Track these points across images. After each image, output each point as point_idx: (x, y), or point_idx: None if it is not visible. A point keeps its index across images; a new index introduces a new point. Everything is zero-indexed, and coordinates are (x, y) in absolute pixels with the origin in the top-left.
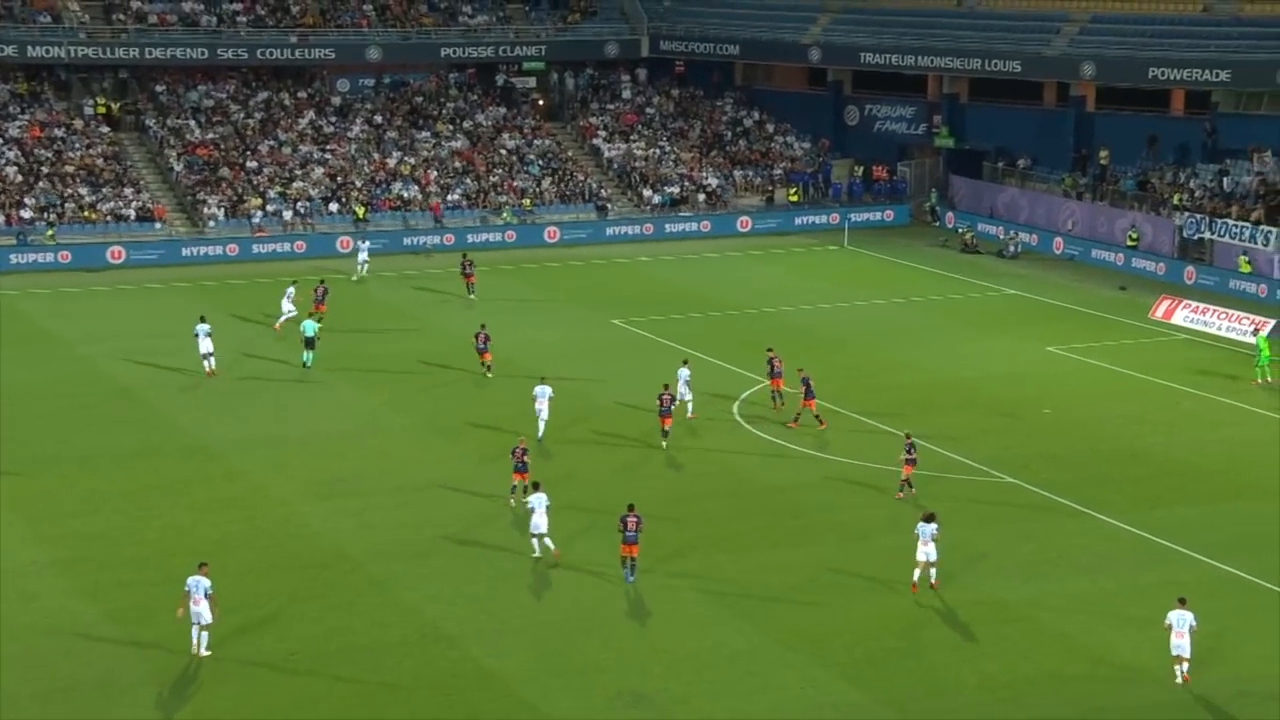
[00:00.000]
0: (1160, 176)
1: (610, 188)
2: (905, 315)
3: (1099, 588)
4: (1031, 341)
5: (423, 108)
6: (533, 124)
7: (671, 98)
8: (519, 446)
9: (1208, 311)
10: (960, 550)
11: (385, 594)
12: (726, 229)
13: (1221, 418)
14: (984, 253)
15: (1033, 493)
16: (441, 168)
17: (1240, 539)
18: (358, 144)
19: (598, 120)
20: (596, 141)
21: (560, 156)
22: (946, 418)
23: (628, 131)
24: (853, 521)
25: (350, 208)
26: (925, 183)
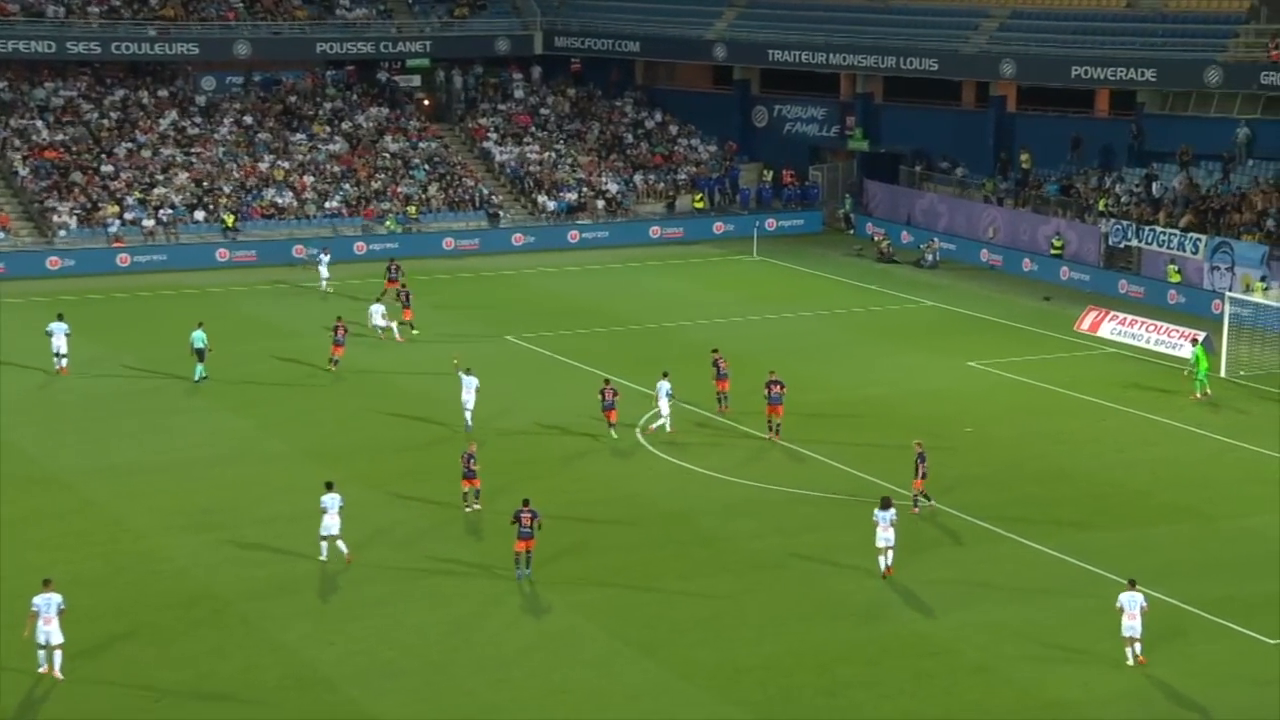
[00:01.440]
0: (1085, 181)
1: (502, 194)
2: (818, 329)
3: (1024, 618)
4: (951, 356)
5: (297, 108)
6: (418, 125)
7: (567, 98)
8: (467, 451)
9: (1136, 324)
10: (878, 579)
11: (258, 634)
12: (627, 238)
13: (1150, 436)
14: (901, 262)
15: (954, 517)
16: (319, 172)
17: (1170, 564)
18: (226, 147)
19: (488, 122)
20: (487, 144)
21: (448, 160)
22: (861, 438)
23: (520, 134)
24: (765, 550)
25: (219, 216)
26: (839, 188)
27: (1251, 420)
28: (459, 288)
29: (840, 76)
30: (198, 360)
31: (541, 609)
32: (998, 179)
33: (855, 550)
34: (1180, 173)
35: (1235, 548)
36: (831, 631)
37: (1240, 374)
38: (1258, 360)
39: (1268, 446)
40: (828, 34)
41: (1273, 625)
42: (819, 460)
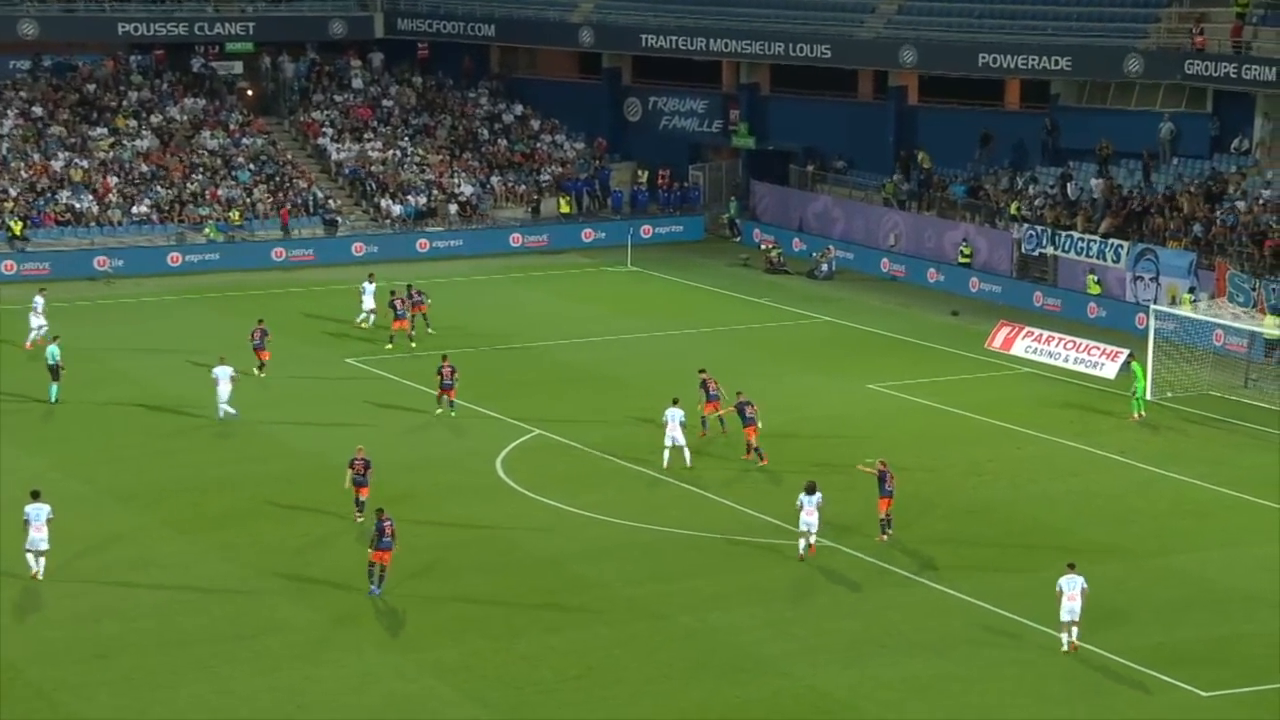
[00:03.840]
0: (995, 182)
1: (341, 198)
2: (700, 348)
3: (933, 670)
4: (849, 378)
5: (97, 98)
6: (240, 119)
7: (414, 88)
8: (357, 457)
9: (1053, 340)
10: (770, 628)
11: (54, 707)
12: (484, 246)
13: (1071, 465)
14: (792, 273)
15: (854, 558)
16: (124, 173)
17: (1093, 609)
18: (10, 142)
19: (322, 115)
20: (322, 141)
21: (277, 159)
22: (745, 467)
23: (360, 129)
24: (643, 598)
25: (3, 222)
26: (722, 190)
27: (1179, 447)
28: (291, 304)
29: (722, 65)
30: (52, 379)
31: (390, 669)
32: (899, 180)
33: (743, 597)
34: (1099, 172)
35: (1163, 590)
36: (717, 689)
37: (1168, 395)
38: (1186, 380)
39: (1197, 475)
40: (707, 17)
41: (1205, 676)
42: (703, 496)
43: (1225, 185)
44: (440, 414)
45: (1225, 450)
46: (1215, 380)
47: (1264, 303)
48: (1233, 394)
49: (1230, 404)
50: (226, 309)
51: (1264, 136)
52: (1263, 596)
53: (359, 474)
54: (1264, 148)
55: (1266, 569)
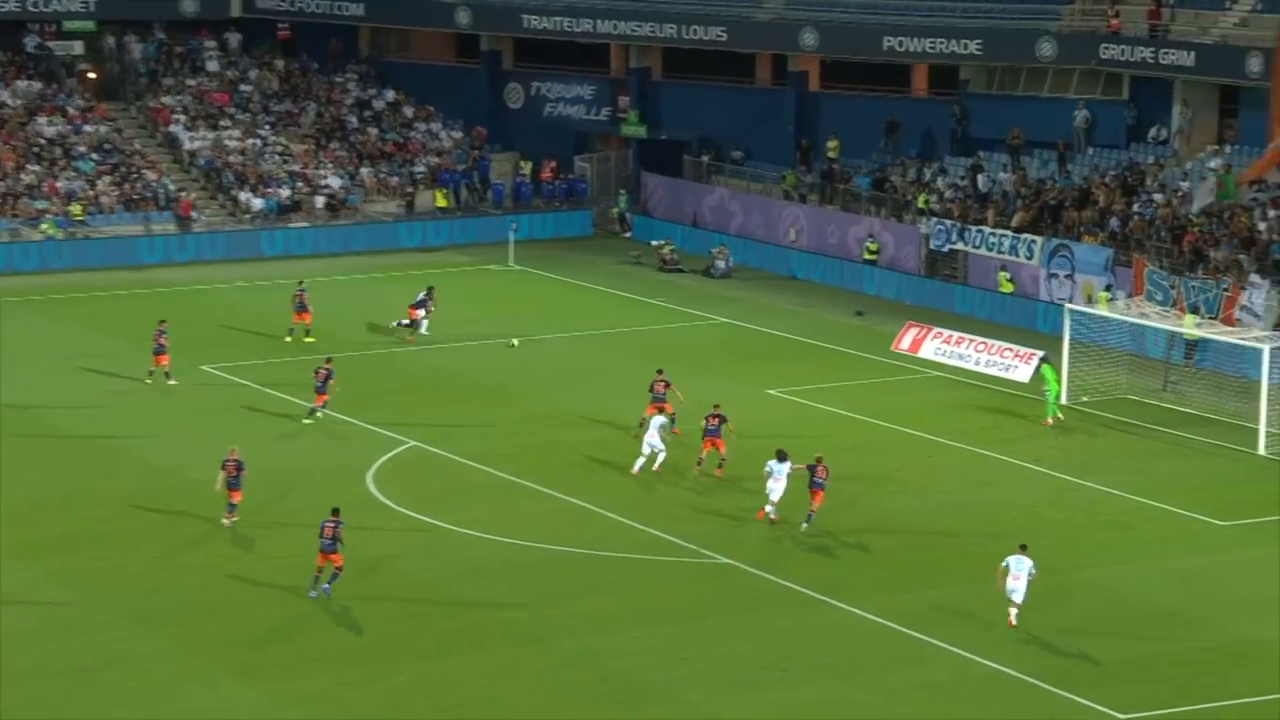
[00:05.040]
0: (902, 173)
1: (195, 190)
2: (587, 352)
3: (835, 695)
4: (748, 383)
5: None
6: (82, 105)
7: (275, 72)
8: (230, 459)
9: (963, 342)
10: (660, 653)
11: None
12: (354, 243)
13: (983, 474)
14: (687, 270)
15: (753, 576)
16: None
17: (1003, 628)
18: None
19: (174, 101)
20: (173, 129)
21: (122, 149)
22: (642, 483)
23: (216, 116)
24: (526, 621)
25: None
26: (611, 183)
27: (1095, 454)
28: (137, 307)
29: (610, 48)
30: None
31: (247, 704)
32: (800, 171)
33: (632, 619)
34: (1011, 163)
35: (1079, 605)
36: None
37: (1083, 400)
38: (1103, 383)
39: (1114, 484)
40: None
41: (1122, 697)
42: (593, 511)
43: (1143, 177)
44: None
45: (1143, 458)
46: (1133, 383)
47: (1183, 301)
48: (1151, 398)
49: (1149, 408)
50: (63, 313)
51: (1182, 125)
52: (1182, 612)
53: (231, 476)
54: (1182, 137)
55: (1185, 583)
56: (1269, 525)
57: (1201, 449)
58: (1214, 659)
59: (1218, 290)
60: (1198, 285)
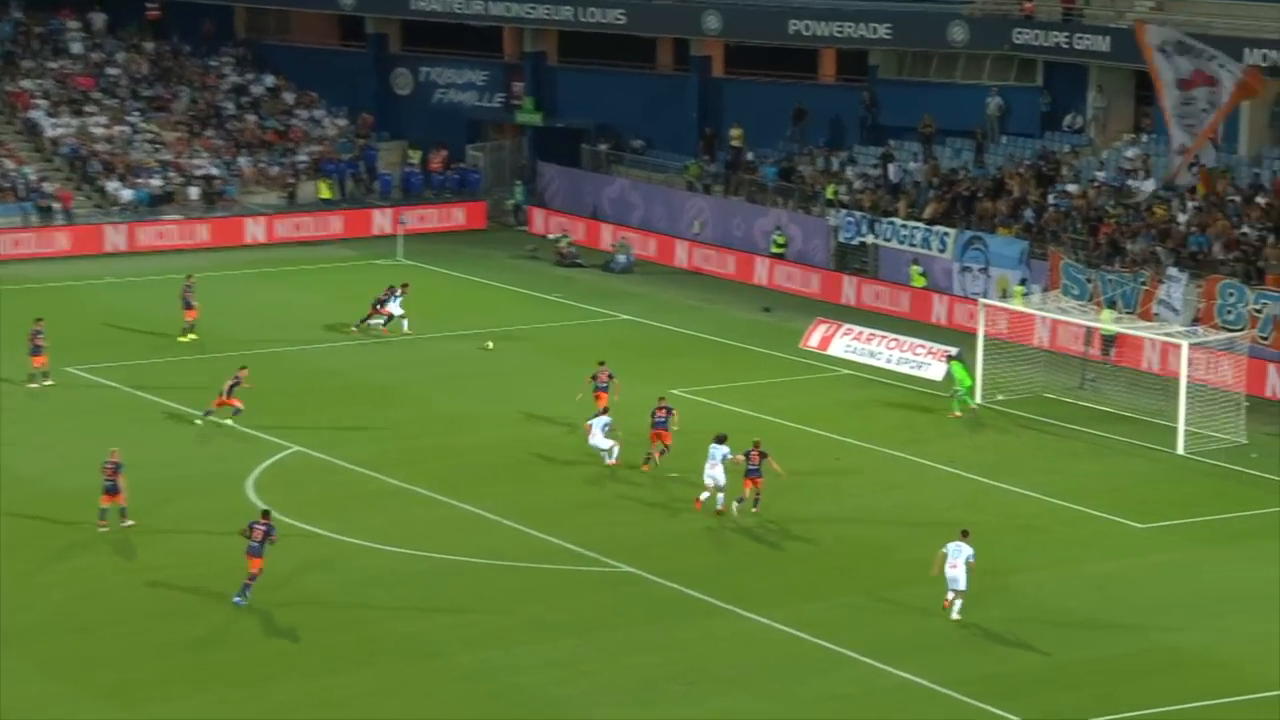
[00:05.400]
0: (810, 162)
1: (58, 180)
2: (478, 352)
3: (743, 708)
4: (651, 382)
5: None
6: None
7: (144, 54)
8: (109, 461)
9: (874, 339)
10: (558, 667)
11: None
12: (231, 237)
13: (896, 477)
14: (586, 265)
15: (656, 585)
16: None
17: (921, 636)
18: None
19: (34, 85)
20: (34, 115)
21: None
22: (540, 489)
23: (80, 101)
24: (417, 635)
25: None
26: (506, 173)
27: (1011, 455)
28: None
29: (504, 31)
30: None
31: None
32: (703, 161)
33: (529, 632)
34: (923, 152)
35: (994, 611)
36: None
37: (999, 399)
38: (1019, 381)
39: (1030, 486)
40: None
41: (1039, 708)
42: (487, 518)
43: (1058, 166)
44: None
45: (1060, 458)
46: (1049, 381)
47: (1100, 295)
48: (1068, 396)
49: (1065, 407)
50: None
51: (1098, 112)
52: (1100, 619)
53: (109, 479)
54: (1098, 124)
55: (1103, 588)
56: (1188, 527)
57: (1119, 448)
58: (1133, 667)
59: (1135, 284)
60: (1115, 279)
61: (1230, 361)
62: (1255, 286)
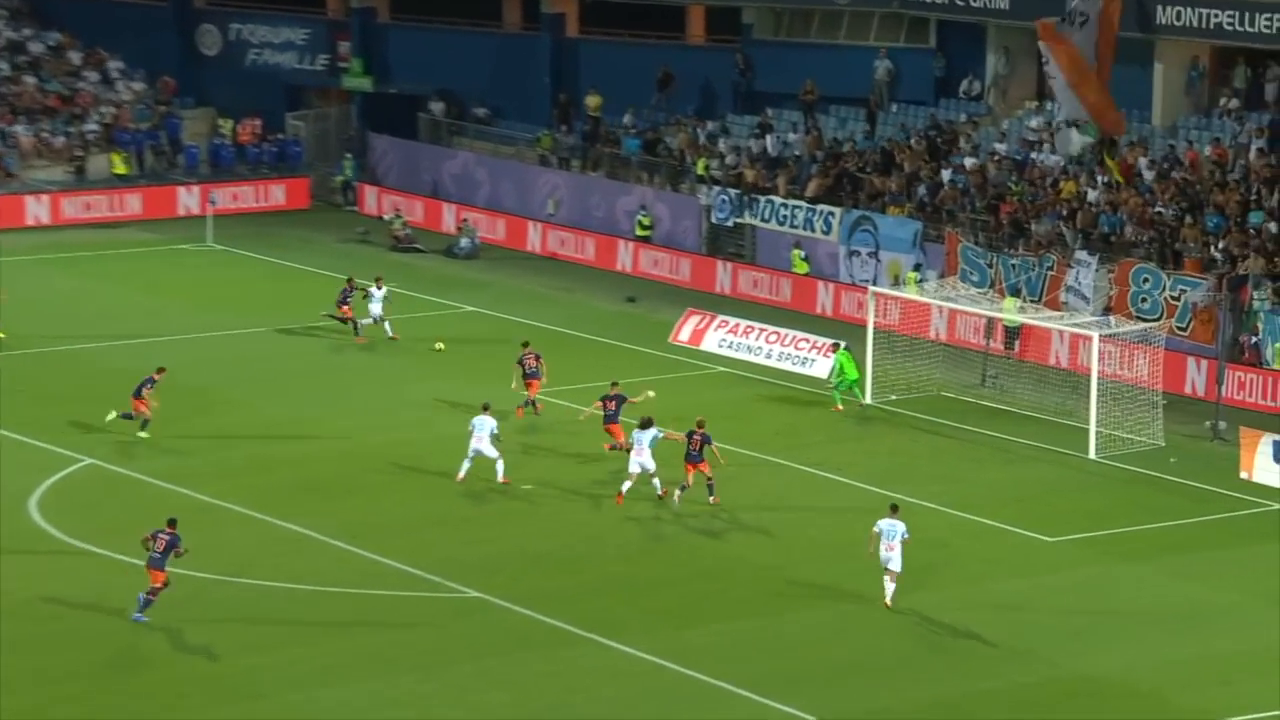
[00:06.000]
0: (680, 133)
1: None
2: (302, 350)
3: None
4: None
5: None
6: None
7: None
8: None
9: (752, 332)
10: (399, 706)
11: None
12: (9, 218)
13: (777, 487)
14: (425, 250)
15: (509, 612)
16: None
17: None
18: None
19: None
20: None
21: None
22: (376, 504)
23: None
24: (236, 673)
25: None
26: (331, 146)
27: (906, 461)
28: None
29: None
30: None
31: None
32: (558, 132)
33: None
34: (804, 122)
35: (890, 641)
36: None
37: (891, 398)
38: (913, 379)
39: (927, 497)
40: None
41: None
42: (314, 539)
43: (954, 137)
44: None
45: (960, 464)
46: (947, 378)
47: (1002, 282)
48: (968, 394)
49: (965, 407)
50: None
51: (997, 77)
52: (1005, 645)
53: None
54: (998, 91)
55: (1010, 610)
56: (1102, 540)
57: (1025, 453)
58: (1044, 697)
59: (1040, 269)
60: (1018, 263)
61: (1145, 355)
62: (1172, 271)
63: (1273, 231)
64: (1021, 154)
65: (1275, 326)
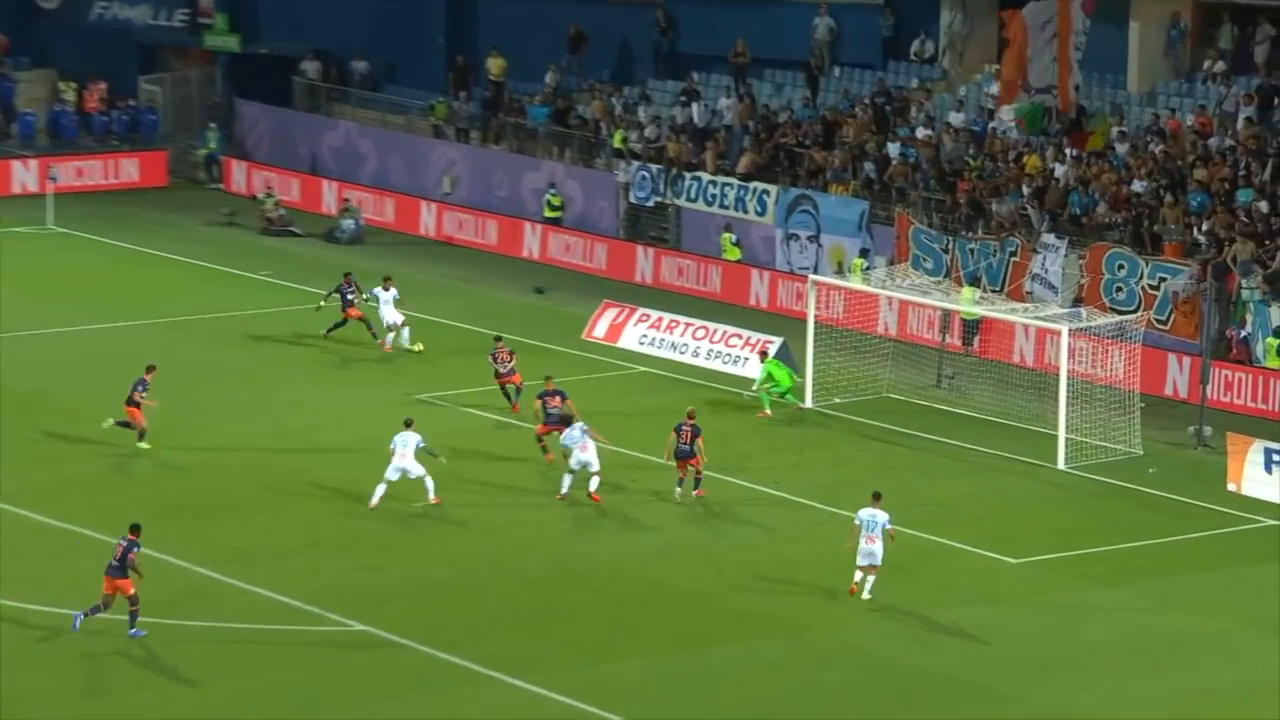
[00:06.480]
0: (593, 100)
1: None
2: (164, 346)
3: None
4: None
5: None
6: None
7: None
8: None
9: (677, 326)
10: None
11: None
12: None
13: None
14: (303, 234)
15: (400, 648)
16: None
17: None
18: None
19: None
20: None
21: None
22: (248, 527)
23: None
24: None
25: None
26: (193, 114)
27: (851, 472)
28: None
29: None
30: None
31: None
32: (455, 99)
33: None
34: (735, 88)
35: (834, 674)
36: None
37: (835, 401)
38: (860, 379)
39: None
40: None
41: None
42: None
43: (904, 105)
44: None
45: (913, 476)
46: (898, 379)
47: (959, 270)
48: (921, 397)
49: (918, 411)
50: None
51: (953, 37)
52: (963, 680)
53: None
54: (954, 53)
55: (969, 641)
56: (1072, 562)
57: (986, 463)
58: None
59: (1003, 255)
60: (977, 248)
61: (1121, 352)
62: (1150, 257)
63: (1263, 211)
64: (980, 124)
65: (1266, 319)
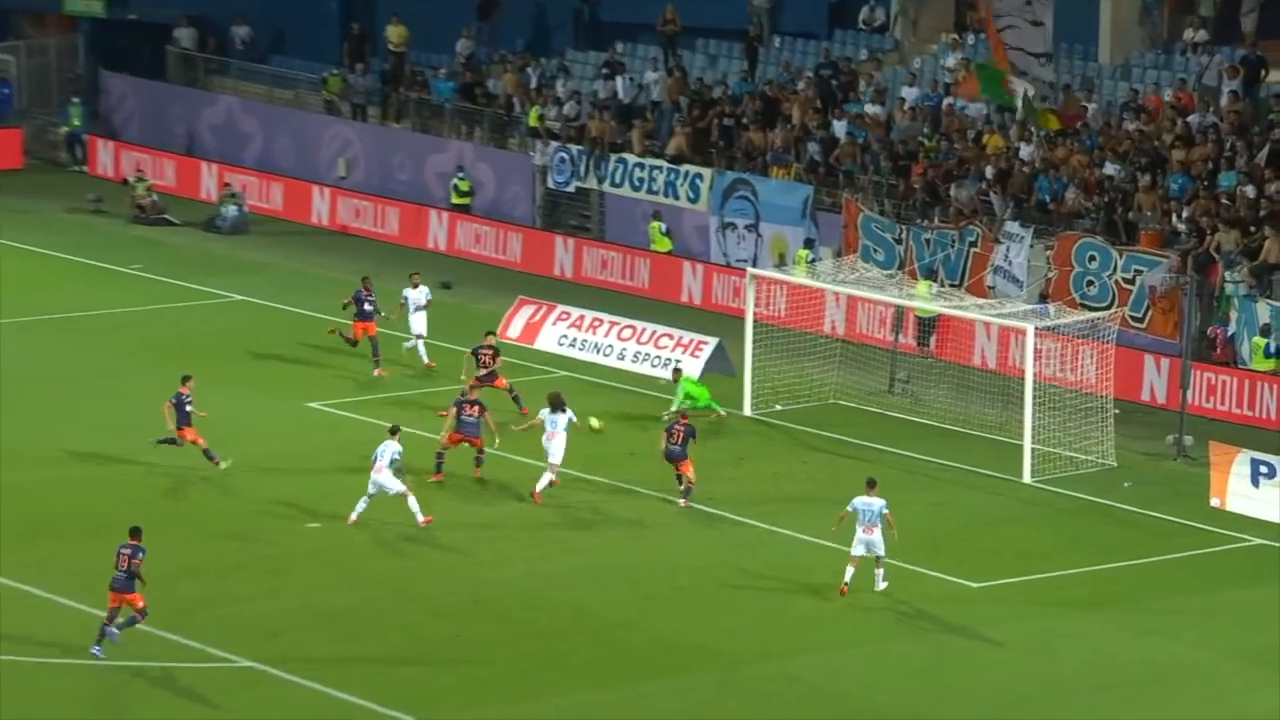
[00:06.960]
0: (505, 73)
1: None
2: (23, 352)
3: None
4: (278, 394)
5: None
6: None
7: None
8: None
9: (599, 326)
10: None
11: None
12: None
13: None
14: (178, 223)
15: (291, 685)
16: None
17: None
18: None
19: None
20: None
21: None
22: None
23: None
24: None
25: None
26: (52, 88)
27: (795, 487)
28: None
29: None
30: None
31: None
32: (350, 71)
33: None
34: (665, 59)
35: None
36: None
37: (776, 408)
38: (803, 384)
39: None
40: None
41: None
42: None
43: (852, 79)
44: None
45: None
46: (846, 383)
47: (914, 262)
48: (872, 403)
49: (869, 419)
50: None
51: (906, 4)
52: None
53: None
54: (906, 21)
55: (926, 675)
56: (1040, 585)
57: (944, 476)
58: None
59: (961, 245)
60: (933, 238)
61: (1093, 353)
62: (1125, 248)
63: (1249, 196)
64: (936, 100)
65: (1253, 315)
